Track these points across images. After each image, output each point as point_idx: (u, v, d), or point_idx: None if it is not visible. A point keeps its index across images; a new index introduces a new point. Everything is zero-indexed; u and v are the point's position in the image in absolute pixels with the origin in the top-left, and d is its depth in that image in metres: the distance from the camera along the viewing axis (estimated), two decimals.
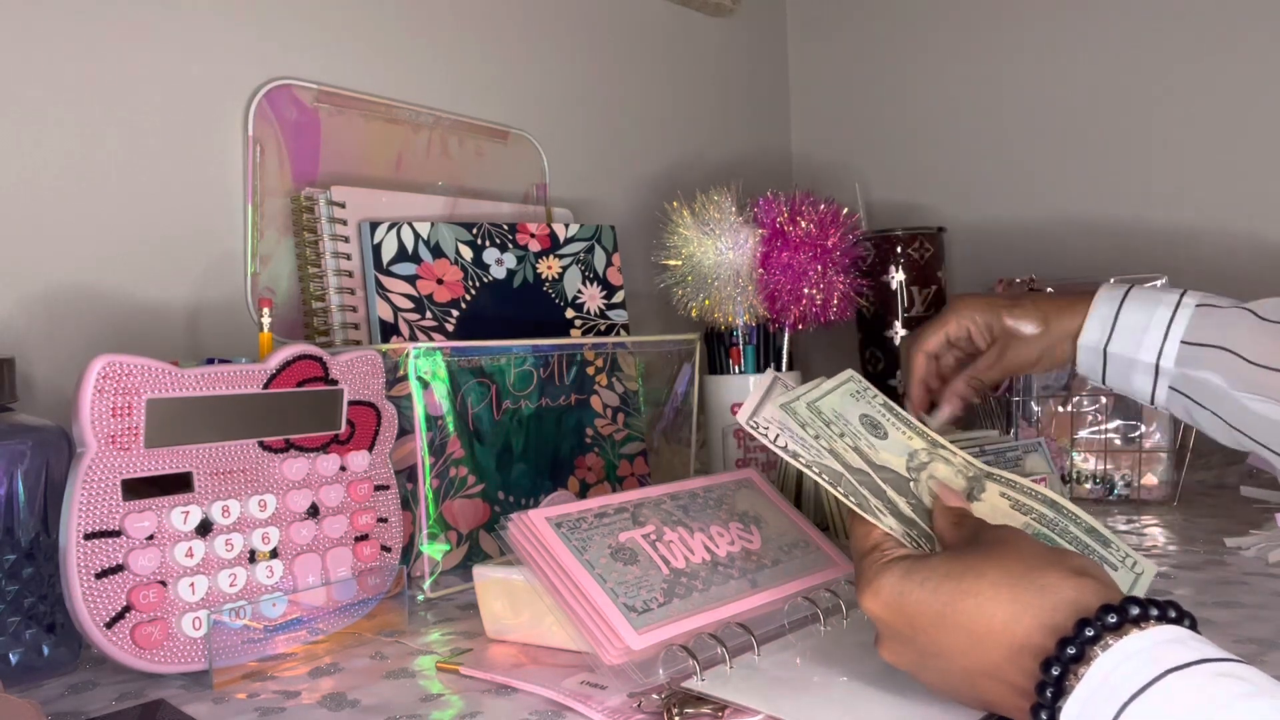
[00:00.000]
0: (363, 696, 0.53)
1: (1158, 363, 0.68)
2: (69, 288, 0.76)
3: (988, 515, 0.54)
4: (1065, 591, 0.40)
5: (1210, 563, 0.74)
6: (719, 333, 1.01)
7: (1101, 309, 0.71)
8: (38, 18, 0.74)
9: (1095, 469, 0.99)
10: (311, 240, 0.86)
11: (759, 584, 0.60)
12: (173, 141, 0.82)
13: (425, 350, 0.77)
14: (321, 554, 0.65)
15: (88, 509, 0.55)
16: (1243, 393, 0.64)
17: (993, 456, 0.81)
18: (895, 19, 1.37)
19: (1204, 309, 0.68)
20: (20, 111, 0.74)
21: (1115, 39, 1.19)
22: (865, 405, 0.59)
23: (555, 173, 1.10)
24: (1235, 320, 0.66)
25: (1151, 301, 0.69)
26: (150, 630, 0.56)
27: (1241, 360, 0.64)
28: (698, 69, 1.33)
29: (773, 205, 0.98)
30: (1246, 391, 0.64)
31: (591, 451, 0.90)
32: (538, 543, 0.56)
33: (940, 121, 1.34)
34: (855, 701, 0.48)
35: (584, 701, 0.49)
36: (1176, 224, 1.15)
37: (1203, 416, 0.68)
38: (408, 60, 0.98)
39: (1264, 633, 0.57)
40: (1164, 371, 0.68)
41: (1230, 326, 0.66)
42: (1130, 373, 0.70)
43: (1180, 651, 0.36)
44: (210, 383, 0.59)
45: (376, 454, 0.69)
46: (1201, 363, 0.66)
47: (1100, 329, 0.71)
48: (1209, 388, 0.66)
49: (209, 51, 0.84)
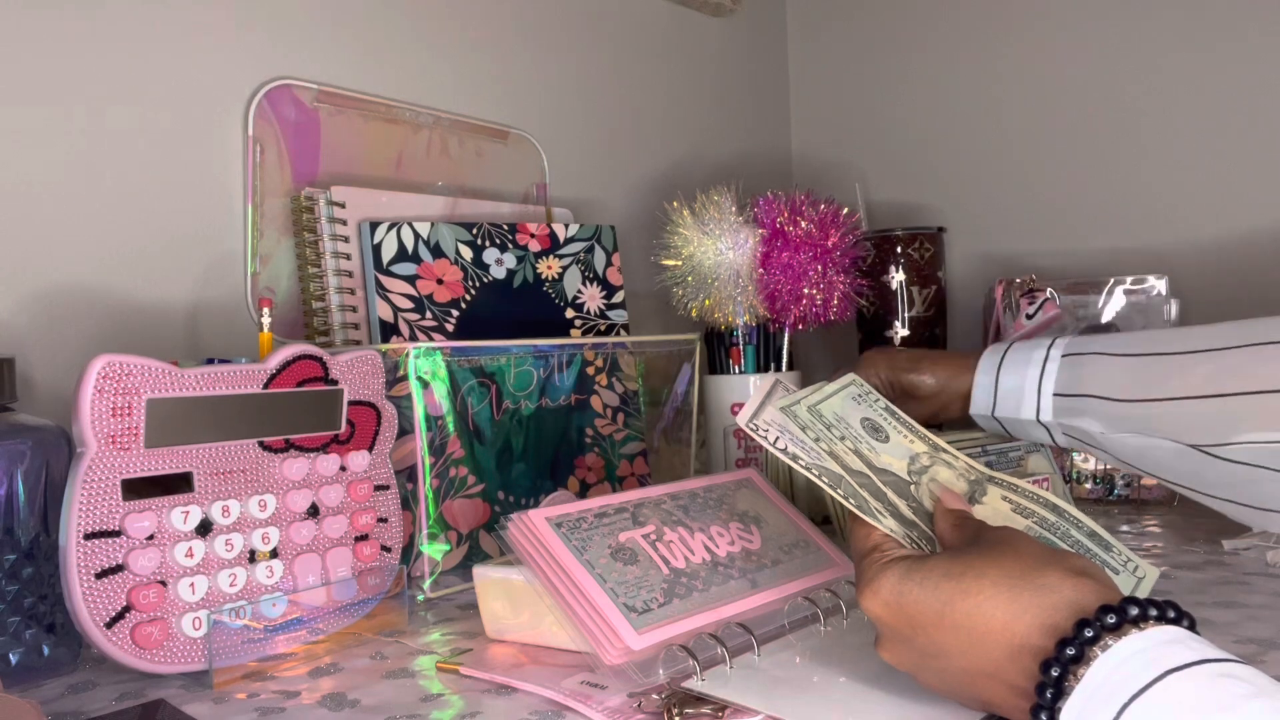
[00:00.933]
0: (363, 696, 0.53)
1: (1040, 419, 0.72)
2: (69, 288, 0.76)
3: (989, 518, 0.54)
4: (1064, 592, 0.40)
5: (1210, 563, 0.74)
6: (719, 333, 1.01)
7: (982, 377, 0.75)
8: (37, 18, 0.74)
9: (1095, 469, 0.99)
10: (311, 240, 0.86)
11: (759, 584, 0.60)
12: (173, 141, 0.82)
13: (425, 350, 0.77)
14: (321, 554, 0.65)
15: (88, 509, 0.55)
16: (1116, 433, 0.67)
17: (995, 457, 0.81)
18: (895, 19, 1.37)
19: (1069, 359, 0.71)
20: (20, 111, 0.74)
21: (1115, 38, 1.19)
22: (867, 409, 0.59)
23: (555, 173, 1.10)
24: (1095, 365, 0.69)
25: (1024, 361, 0.73)
26: (150, 630, 0.56)
27: (1108, 401, 0.67)
28: (698, 69, 1.33)
29: (773, 205, 0.98)
30: (1119, 432, 0.67)
31: (591, 451, 0.90)
32: (538, 543, 0.56)
33: (940, 121, 1.34)
34: (855, 701, 0.48)
35: (584, 701, 0.49)
36: (1177, 223, 1.15)
37: (1097, 454, 0.71)
38: (408, 60, 0.98)
39: (1264, 633, 0.57)
40: (1050, 425, 0.72)
41: (1091, 372, 0.69)
42: (1025, 429, 0.74)
43: (1180, 652, 0.36)
44: (210, 383, 0.59)
45: (376, 454, 0.69)
46: (1076, 412, 0.69)
47: (985, 398, 0.75)
48: (1090, 434, 0.69)
49: (209, 51, 0.84)
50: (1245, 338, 0.63)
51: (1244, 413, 0.60)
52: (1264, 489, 0.62)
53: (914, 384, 0.78)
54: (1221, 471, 0.62)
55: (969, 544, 0.47)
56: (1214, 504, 0.66)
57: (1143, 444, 0.66)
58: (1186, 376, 0.64)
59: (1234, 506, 0.65)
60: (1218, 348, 0.63)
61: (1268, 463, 0.60)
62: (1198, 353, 0.64)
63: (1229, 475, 0.62)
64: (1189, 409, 0.63)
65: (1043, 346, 0.73)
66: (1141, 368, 0.66)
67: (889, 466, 0.55)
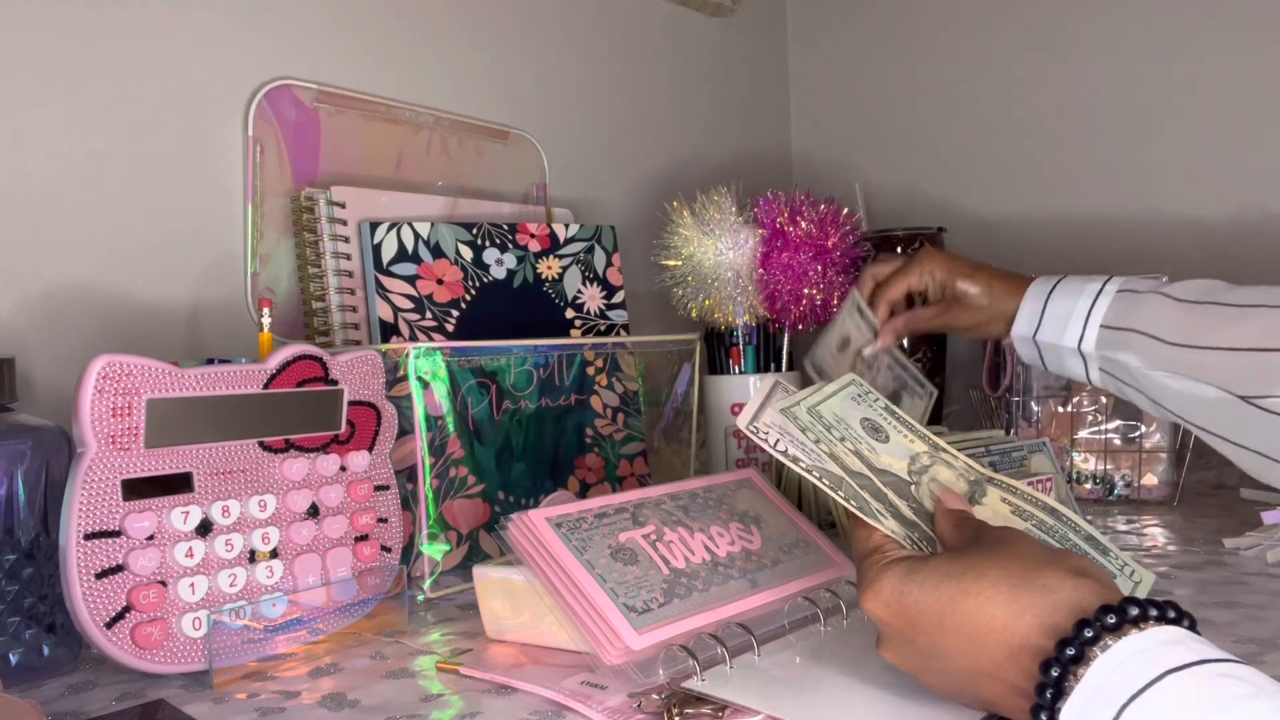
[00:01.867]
0: (363, 696, 0.53)
1: (1080, 348, 0.72)
2: (69, 288, 0.76)
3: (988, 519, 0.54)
4: (1064, 592, 0.40)
5: (1210, 563, 0.74)
6: (719, 333, 1.01)
7: (1031, 301, 0.76)
8: (37, 18, 0.74)
9: (1095, 469, 0.99)
10: (311, 240, 0.86)
11: (759, 584, 0.60)
12: (173, 141, 0.82)
13: (425, 350, 0.77)
14: (321, 554, 0.65)
15: (88, 509, 0.55)
16: (1158, 371, 0.67)
17: (998, 457, 0.81)
18: (895, 19, 1.37)
19: (1124, 294, 0.72)
20: (20, 111, 0.74)
21: (1115, 37, 1.19)
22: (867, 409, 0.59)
23: (555, 173, 1.10)
24: (1150, 303, 0.70)
25: (1075, 291, 0.74)
26: (150, 630, 0.56)
27: (1155, 340, 0.68)
28: (698, 69, 1.33)
29: (773, 205, 0.98)
30: (1161, 370, 0.67)
31: (591, 451, 0.90)
32: (538, 543, 0.56)
33: (940, 121, 1.34)
34: (855, 702, 0.48)
35: (584, 701, 0.49)
36: (1177, 222, 1.15)
37: (1130, 393, 0.72)
38: (408, 60, 0.98)
39: (1264, 633, 0.57)
40: (1089, 356, 0.72)
41: (1145, 310, 0.70)
42: (1062, 358, 0.74)
43: (1179, 652, 0.36)
44: (210, 383, 0.59)
45: (376, 454, 0.69)
46: (1120, 345, 0.70)
47: (1029, 320, 0.76)
48: (1129, 368, 0.69)
49: (209, 51, 0.84)
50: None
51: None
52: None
53: (966, 292, 0.78)
54: (1264, 423, 0.63)
55: (969, 544, 0.47)
56: (1244, 458, 0.66)
57: (1183, 387, 0.66)
58: (1240, 327, 0.64)
59: (1265, 461, 0.65)
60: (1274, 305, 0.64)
61: None
62: (1254, 307, 0.65)
63: (1270, 427, 0.63)
64: (1239, 360, 0.63)
65: (1098, 280, 0.74)
66: (1196, 314, 0.67)
67: (889, 467, 0.55)
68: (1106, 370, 0.72)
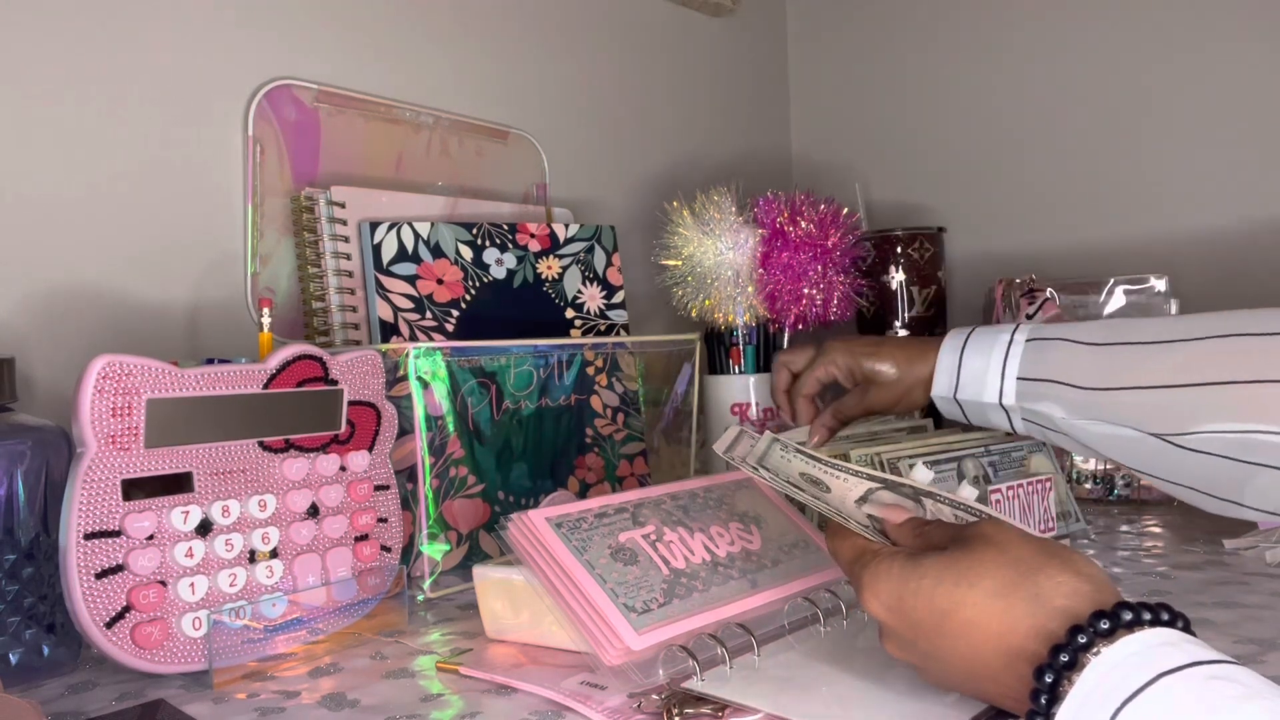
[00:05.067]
0: (363, 696, 0.53)
1: (1001, 402, 0.72)
2: (69, 288, 0.76)
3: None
4: (1058, 599, 0.41)
5: (1210, 563, 0.74)
6: (719, 333, 1.01)
7: (946, 358, 0.75)
8: (37, 18, 0.74)
9: (1095, 469, 0.99)
10: (311, 240, 0.86)
11: (759, 584, 0.60)
12: (173, 141, 0.82)
13: (425, 350, 0.77)
14: (321, 554, 0.65)
15: (88, 509, 0.55)
16: (1078, 419, 0.67)
17: (998, 457, 0.81)
18: (895, 19, 1.37)
19: (1033, 344, 0.71)
20: (20, 111, 0.74)
21: (1116, 37, 1.19)
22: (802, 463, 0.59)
23: (555, 173, 1.10)
24: (1059, 350, 0.69)
25: (987, 345, 0.73)
26: (150, 630, 0.56)
27: (1071, 388, 0.67)
28: (698, 69, 1.33)
29: (773, 205, 0.98)
30: (1082, 418, 0.67)
31: (591, 451, 0.90)
32: (538, 543, 0.56)
33: (940, 121, 1.34)
34: (855, 701, 0.48)
35: (584, 702, 0.49)
36: (1177, 222, 1.15)
37: (1059, 439, 0.71)
38: (408, 60, 0.98)
39: (1264, 633, 0.57)
40: (1010, 409, 0.72)
41: (1056, 358, 0.69)
42: (985, 413, 0.74)
43: (1173, 654, 0.36)
44: (210, 383, 0.59)
45: (376, 454, 0.69)
46: (1038, 396, 0.70)
47: (947, 379, 0.75)
48: (1051, 418, 0.69)
49: (209, 51, 0.84)
50: (1216, 329, 0.63)
51: (1205, 403, 0.61)
52: (1223, 479, 0.62)
53: (874, 371, 0.78)
54: (1183, 460, 0.63)
55: (952, 543, 0.46)
56: (1178, 492, 0.66)
57: (1106, 431, 0.66)
58: (1151, 366, 0.64)
59: (1197, 495, 0.65)
60: (1187, 338, 0.64)
61: (1228, 452, 0.60)
62: (1165, 343, 0.64)
63: (1190, 464, 0.63)
64: (1151, 398, 0.63)
65: (1007, 331, 0.73)
66: (1106, 356, 0.66)
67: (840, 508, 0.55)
68: (1030, 419, 0.71)
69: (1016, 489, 0.78)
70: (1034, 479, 0.80)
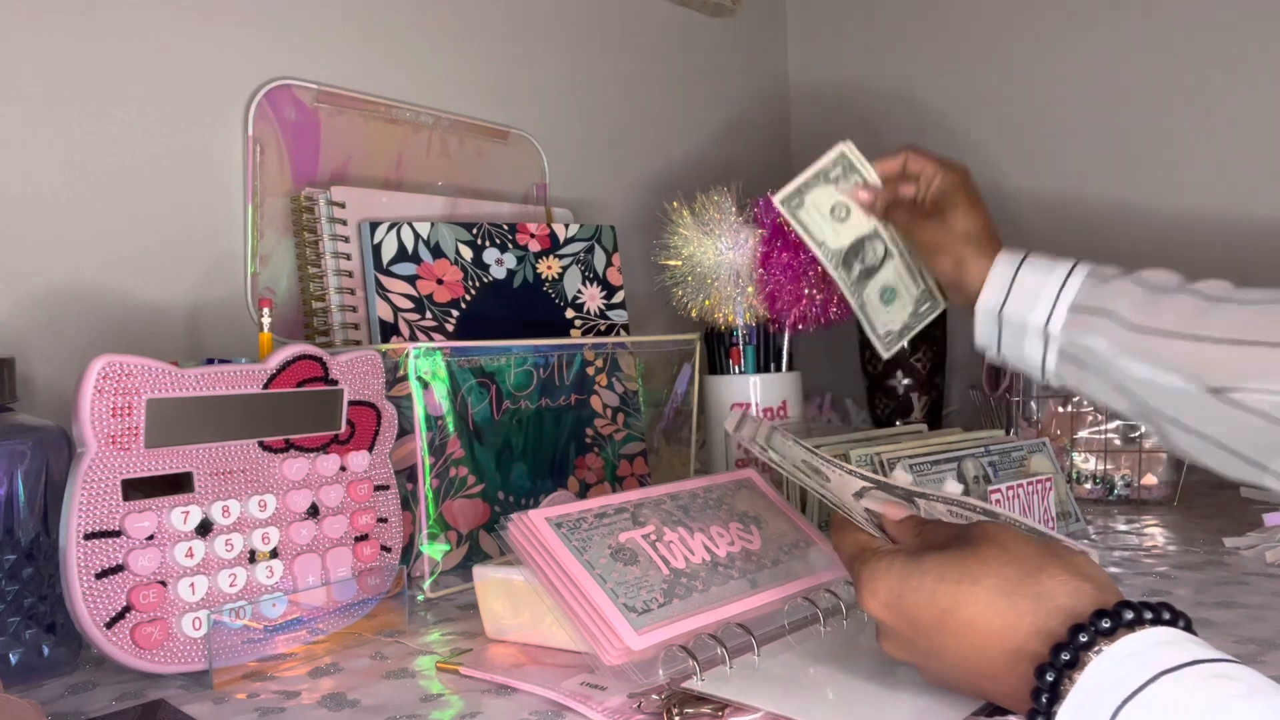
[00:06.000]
0: (363, 696, 0.53)
1: (1047, 328, 0.71)
2: (69, 288, 0.76)
3: None
4: (1059, 598, 0.41)
5: (1210, 563, 0.74)
6: (719, 333, 1.01)
7: (1000, 269, 0.74)
8: (37, 17, 0.74)
9: (1095, 469, 0.99)
10: (311, 240, 0.86)
11: (759, 584, 0.60)
12: (173, 141, 0.82)
13: (425, 350, 0.77)
14: (321, 554, 0.65)
15: (88, 509, 0.55)
16: (1123, 358, 0.67)
17: (998, 457, 0.81)
18: (895, 19, 1.37)
19: (1093, 277, 0.71)
20: (20, 111, 0.74)
21: (1117, 35, 1.19)
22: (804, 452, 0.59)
23: (555, 173, 1.10)
24: (1120, 287, 0.69)
25: (1046, 267, 0.73)
26: (150, 630, 0.56)
27: (1124, 323, 0.67)
28: (698, 69, 1.33)
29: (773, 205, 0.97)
30: (1127, 357, 0.67)
31: (591, 451, 0.90)
32: (538, 543, 0.56)
33: (940, 122, 1.34)
34: (855, 701, 0.48)
35: (584, 702, 0.49)
36: (1180, 223, 1.15)
37: (1091, 381, 0.71)
38: (408, 60, 0.98)
39: (1264, 633, 0.57)
40: (1052, 338, 0.71)
41: (1115, 293, 0.69)
42: (1023, 339, 0.73)
43: (1173, 653, 0.36)
44: (210, 383, 0.59)
45: (376, 454, 0.69)
46: (1088, 328, 0.69)
47: (998, 292, 0.74)
48: (1096, 352, 0.69)
49: (209, 51, 0.84)
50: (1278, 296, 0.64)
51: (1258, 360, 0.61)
52: (1259, 441, 0.62)
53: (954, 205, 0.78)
54: (1223, 415, 0.63)
55: (953, 541, 0.46)
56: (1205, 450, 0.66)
57: (1148, 375, 0.66)
58: (1212, 317, 0.64)
59: (1223, 454, 0.65)
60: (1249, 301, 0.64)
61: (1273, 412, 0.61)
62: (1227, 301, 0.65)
63: (1230, 420, 0.63)
64: (1206, 349, 0.63)
65: (1066, 262, 0.72)
66: (1167, 299, 0.67)
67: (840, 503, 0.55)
68: (1067, 355, 0.70)
69: (1016, 489, 0.78)
70: (1034, 479, 0.80)
